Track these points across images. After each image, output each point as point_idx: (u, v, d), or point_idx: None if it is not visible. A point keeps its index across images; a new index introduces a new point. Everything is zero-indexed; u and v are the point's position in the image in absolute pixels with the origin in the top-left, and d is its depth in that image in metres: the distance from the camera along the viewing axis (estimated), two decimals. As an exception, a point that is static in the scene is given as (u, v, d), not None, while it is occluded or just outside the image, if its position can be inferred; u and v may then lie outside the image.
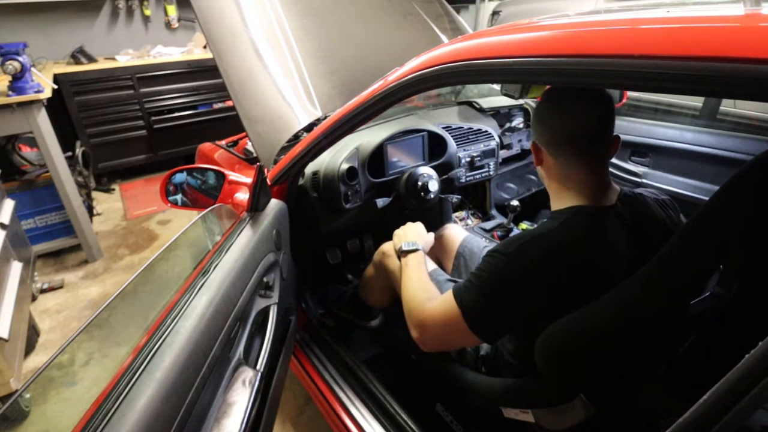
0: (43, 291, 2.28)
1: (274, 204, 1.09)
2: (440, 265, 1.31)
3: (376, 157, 1.40)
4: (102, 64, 3.15)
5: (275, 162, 1.20)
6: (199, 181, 1.39)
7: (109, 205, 3.24)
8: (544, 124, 0.80)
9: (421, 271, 0.99)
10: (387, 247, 1.23)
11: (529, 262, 0.74)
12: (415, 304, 0.89)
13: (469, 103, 1.87)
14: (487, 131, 1.71)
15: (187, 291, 0.74)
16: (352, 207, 1.35)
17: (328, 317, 1.47)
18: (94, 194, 3.18)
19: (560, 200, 0.83)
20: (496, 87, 1.91)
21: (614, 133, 0.79)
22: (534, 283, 0.74)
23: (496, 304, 0.77)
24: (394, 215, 1.50)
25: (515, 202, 1.64)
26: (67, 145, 2.59)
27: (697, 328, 0.88)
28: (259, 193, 1.00)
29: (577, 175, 0.79)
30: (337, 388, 1.17)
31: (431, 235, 1.19)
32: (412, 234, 1.11)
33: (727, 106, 2.81)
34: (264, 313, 0.93)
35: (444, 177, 1.54)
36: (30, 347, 1.91)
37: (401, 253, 1.05)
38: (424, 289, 0.92)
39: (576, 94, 0.76)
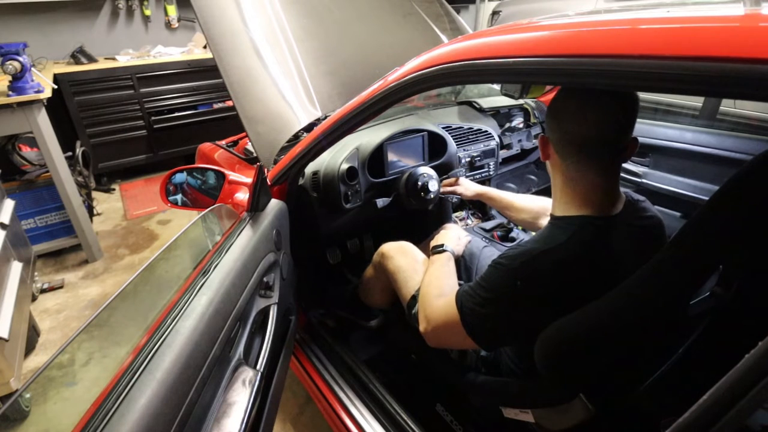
0: (43, 291, 2.28)
1: (274, 204, 1.09)
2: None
3: (376, 157, 1.40)
4: (102, 64, 3.15)
5: (275, 162, 1.20)
6: (199, 181, 1.39)
7: (109, 205, 3.24)
8: (557, 122, 0.76)
9: (439, 271, 1.02)
10: (385, 248, 1.23)
11: (533, 280, 0.73)
12: (426, 299, 0.93)
13: (469, 103, 1.87)
14: (487, 131, 1.71)
15: (187, 291, 0.74)
16: (352, 207, 1.35)
17: (328, 317, 1.47)
18: (94, 194, 3.18)
19: (565, 204, 0.79)
20: (496, 87, 1.91)
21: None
22: (536, 300, 0.74)
23: (494, 315, 0.77)
24: (394, 215, 1.50)
25: (515, 202, 1.64)
26: (67, 145, 2.59)
27: (697, 328, 0.88)
28: (259, 193, 1.00)
29: (584, 180, 0.76)
30: (337, 388, 1.17)
31: (465, 239, 1.26)
32: (444, 237, 1.17)
33: (727, 106, 2.81)
34: (264, 313, 0.93)
35: (444, 177, 1.54)
36: (30, 347, 1.91)
37: (432, 251, 1.11)
38: (438, 286, 0.95)
39: (597, 96, 0.71)
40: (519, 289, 0.74)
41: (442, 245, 1.10)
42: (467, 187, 1.44)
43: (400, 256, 1.18)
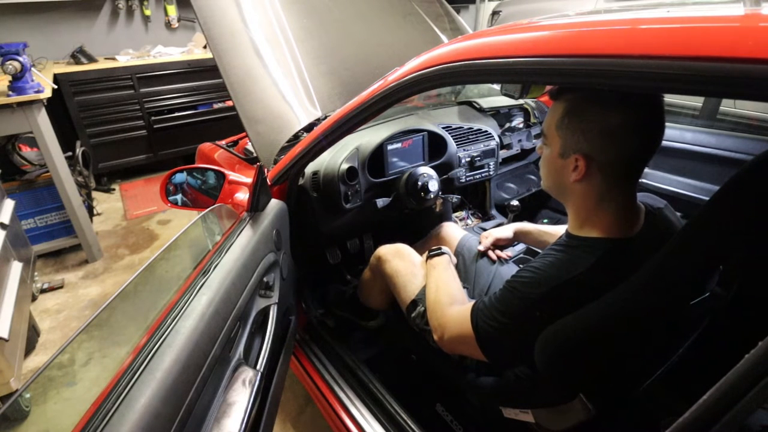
0: (43, 291, 2.28)
1: (274, 204, 1.09)
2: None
3: (376, 157, 1.40)
4: (102, 64, 3.15)
5: (275, 162, 1.20)
6: (199, 181, 1.39)
7: (109, 205, 3.24)
8: (609, 141, 0.68)
9: (445, 275, 1.02)
10: (381, 251, 1.23)
11: (555, 310, 0.71)
12: (437, 307, 0.93)
13: (469, 103, 1.87)
14: (487, 131, 1.71)
15: (187, 291, 0.74)
16: (352, 207, 1.35)
17: (328, 317, 1.47)
18: (94, 194, 3.18)
19: (588, 224, 0.76)
20: (496, 87, 1.91)
21: None
22: (554, 321, 0.73)
23: (509, 340, 0.78)
24: (394, 215, 1.50)
25: (515, 202, 1.64)
26: (67, 145, 2.59)
27: (697, 328, 0.88)
28: (259, 193, 1.00)
29: (616, 200, 0.74)
30: (337, 388, 1.17)
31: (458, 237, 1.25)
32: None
33: (727, 106, 2.81)
34: (264, 313, 0.93)
35: (444, 177, 1.54)
36: (30, 347, 1.91)
37: (428, 257, 1.10)
38: (448, 293, 0.95)
39: (652, 110, 0.68)
40: (538, 318, 0.72)
41: (439, 248, 1.10)
42: (505, 233, 1.25)
43: (397, 259, 1.18)
